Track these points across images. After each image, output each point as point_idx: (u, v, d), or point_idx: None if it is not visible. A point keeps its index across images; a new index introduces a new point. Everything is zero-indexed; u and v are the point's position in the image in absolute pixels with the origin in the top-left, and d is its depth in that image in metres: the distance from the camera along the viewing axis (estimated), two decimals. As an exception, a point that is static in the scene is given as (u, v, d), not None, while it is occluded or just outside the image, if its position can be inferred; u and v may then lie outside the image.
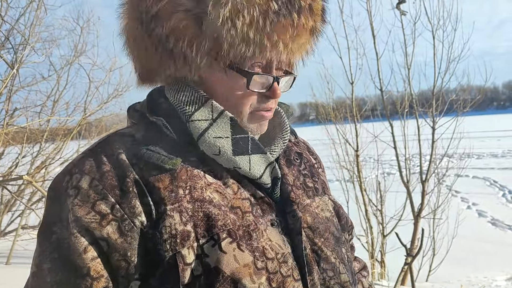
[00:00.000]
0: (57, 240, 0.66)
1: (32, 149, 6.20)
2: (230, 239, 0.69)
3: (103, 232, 0.66)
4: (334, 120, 5.91)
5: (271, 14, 0.69)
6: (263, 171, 0.77)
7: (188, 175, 0.72)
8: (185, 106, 0.76)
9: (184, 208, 0.69)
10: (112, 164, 0.70)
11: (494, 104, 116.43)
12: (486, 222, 7.36)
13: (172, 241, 0.67)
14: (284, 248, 0.75)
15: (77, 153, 6.66)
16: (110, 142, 0.75)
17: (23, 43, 5.09)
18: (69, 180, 0.69)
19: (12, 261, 5.47)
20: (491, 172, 12.21)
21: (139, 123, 0.79)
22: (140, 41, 0.76)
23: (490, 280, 4.86)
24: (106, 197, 0.67)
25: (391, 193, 5.60)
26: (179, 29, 0.71)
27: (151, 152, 0.72)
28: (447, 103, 5.35)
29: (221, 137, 0.75)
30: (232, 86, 0.76)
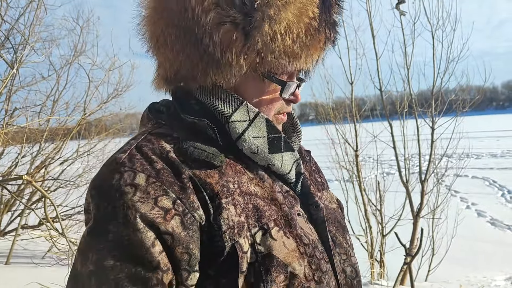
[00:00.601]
0: (115, 238, 0.66)
1: (31, 149, 6.21)
2: (277, 227, 0.75)
3: (168, 226, 0.68)
4: (334, 120, 5.92)
5: (311, 30, 0.77)
6: (291, 167, 0.85)
7: (233, 171, 0.78)
8: (222, 108, 0.80)
9: (237, 201, 0.74)
10: (164, 162, 0.73)
11: (493, 104, 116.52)
12: (485, 222, 7.38)
13: (231, 232, 0.71)
14: (313, 235, 0.83)
15: (76, 153, 6.66)
16: (152, 141, 0.76)
17: (23, 42, 5.09)
18: (120, 178, 0.69)
19: (12, 260, 5.47)
20: (490, 172, 12.22)
21: (171, 124, 0.82)
22: (180, 48, 0.79)
23: (489, 280, 4.87)
24: (167, 192, 0.70)
25: (390, 193, 5.61)
26: (227, 41, 0.75)
27: (199, 150, 0.76)
28: (446, 103, 5.35)
29: (259, 137, 0.81)
30: (265, 93, 0.83)
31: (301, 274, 0.75)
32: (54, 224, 3.83)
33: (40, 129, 6.29)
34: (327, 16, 0.80)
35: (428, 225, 5.41)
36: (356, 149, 5.62)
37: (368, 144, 5.66)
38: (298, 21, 0.76)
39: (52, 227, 3.68)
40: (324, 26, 0.79)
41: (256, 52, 0.75)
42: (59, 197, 6.32)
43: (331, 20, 0.81)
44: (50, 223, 3.61)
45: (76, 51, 6.31)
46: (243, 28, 0.75)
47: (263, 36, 0.75)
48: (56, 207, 3.85)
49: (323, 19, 0.79)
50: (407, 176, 5.26)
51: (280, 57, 0.76)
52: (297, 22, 0.76)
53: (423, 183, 5.12)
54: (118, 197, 0.68)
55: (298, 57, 0.78)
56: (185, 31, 0.78)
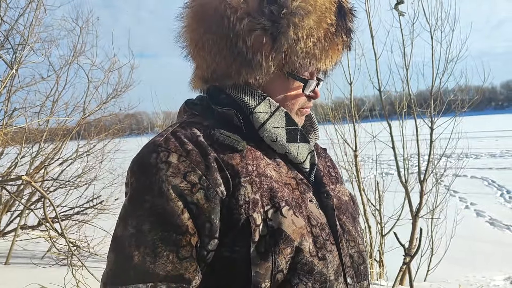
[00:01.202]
0: (152, 206, 0.79)
1: (31, 149, 6.20)
2: (288, 207, 0.85)
3: (193, 197, 0.80)
4: (333, 120, 5.93)
5: (330, 35, 0.90)
6: (305, 157, 0.96)
7: (253, 156, 0.89)
8: (248, 100, 0.92)
9: (253, 180, 0.85)
10: (194, 145, 0.85)
11: (492, 104, 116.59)
12: (484, 222, 7.39)
13: (246, 206, 0.82)
14: (322, 218, 0.92)
15: (76, 153, 6.66)
16: (185, 127, 0.89)
17: (22, 43, 5.09)
18: (157, 156, 0.82)
19: (11, 261, 5.47)
20: (489, 172, 12.24)
21: (204, 114, 0.95)
22: (217, 51, 0.91)
23: (488, 279, 4.88)
24: (195, 170, 0.82)
25: (389, 193, 5.62)
26: (258, 44, 0.88)
27: (224, 135, 0.88)
28: (445, 103, 5.36)
29: (278, 127, 0.92)
30: (289, 89, 0.95)
31: (306, 249, 0.84)
32: (53, 225, 3.83)
33: (39, 130, 6.29)
34: (343, 23, 0.93)
35: (427, 225, 5.43)
36: (355, 149, 5.62)
37: (367, 144, 5.67)
38: (318, 27, 0.88)
39: (51, 228, 3.68)
40: (340, 31, 0.92)
41: (282, 53, 0.88)
42: (59, 197, 6.32)
43: (346, 26, 0.94)
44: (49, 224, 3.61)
45: (76, 52, 6.31)
46: (271, 33, 0.87)
47: (288, 40, 0.87)
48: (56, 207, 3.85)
49: (340, 25, 0.92)
50: (406, 176, 5.27)
51: (302, 58, 0.89)
52: (317, 28, 0.88)
53: (422, 183, 5.13)
54: (155, 172, 0.81)
55: (318, 58, 0.90)
56: (221, 37, 0.90)
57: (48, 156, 6.21)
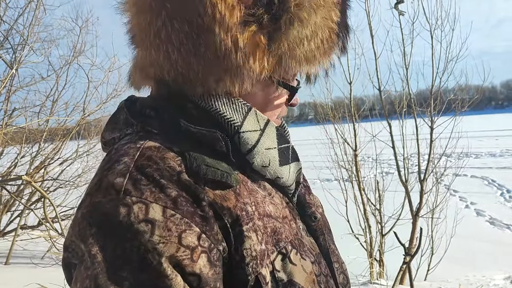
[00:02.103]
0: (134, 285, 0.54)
1: (31, 149, 6.21)
2: (294, 250, 0.68)
3: (195, 268, 0.57)
4: (333, 119, 5.92)
5: (333, 35, 0.70)
6: (294, 178, 0.78)
7: (248, 190, 0.68)
8: (232, 116, 0.69)
9: (257, 226, 0.65)
10: (178, 187, 0.60)
11: (492, 103, 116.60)
12: (484, 221, 7.38)
13: (254, 263, 0.62)
14: (315, 249, 0.77)
15: (76, 153, 6.66)
16: (154, 158, 0.63)
17: (22, 43, 5.10)
18: (129, 212, 0.56)
19: (11, 261, 5.47)
20: (489, 171, 12.23)
21: (166, 134, 0.69)
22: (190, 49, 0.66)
23: (488, 279, 4.88)
24: (190, 226, 0.58)
25: (389, 192, 5.61)
26: (251, 45, 0.65)
27: (212, 168, 0.64)
28: (445, 103, 5.35)
29: (271, 148, 0.72)
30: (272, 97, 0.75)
31: None
32: (53, 225, 3.84)
33: (39, 129, 6.30)
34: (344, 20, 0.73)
35: (427, 225, 5.42)
36: (355, 148, 5.62)
37: (367, 144, 5.67)
38: (324, 25, 0.69)
39: (51, 227, 3.68)
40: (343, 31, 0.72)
41: (276, 57, 0.67)
42: (59, 197, 6.32)
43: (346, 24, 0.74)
44: (49, 223, 3.62)
45: (75, 52, 6.32)
46: (269, 31, 0.65)
47: (290, 40, 0.66)
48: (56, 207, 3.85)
49: (342, 23, 0.72)
50: (406, 175, 5.27)
51: (300, 63, 0.68)
52: (323, 27, 0.69)
53: (422, 183, 5.12)
54: (131, 237, 0.55)
55: (317, 63, 0.70)
56: (200, 29, 0.65)
57: (48, 156, 6.21)
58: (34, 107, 6.08)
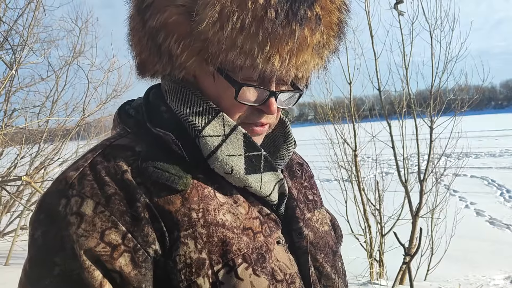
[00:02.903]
0: (63, 272, 0.58)
1: (31, 150, 6.21)
2: (245, 264, 0.65)
3: (115, 265, 0.59)
4: (333, 120, 5.92)
5: (265, 22, 0.62)
6: (272, 188, 0.74)
7: (199, 196, 0.67)
8: (193, 119, 0.69)
9: (198, 233, 0.63)
10: (118, 185, 0.62)
11: (492, 103, 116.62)
12: (484, 221, 7.38)
13: (187, 271, 0.62)
14: (291, 267, 0.72)
15: (76, 153, 6.66)
16: (108, 156, 0.66)
17: (22, 43, 5.10)
18: (67, 204, 0.60)
19: (11, 261, 5.47)
20: (489, 171, 12.23)
21: (137, 133, 0.72)
22: (136, 31, 0.72)
23: (488, 279, 4.88)
24: (116, 225, 0.60)
25: (389, 192, 5.61)
26: (170, 24, 0.66)
27: (160, 170, 0.65)
28: (445, 103, 5.35)
29: (234, 155, 0.69)
30: (221, 93, 0.70)
31: None
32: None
33: (39, 130, 6.30)
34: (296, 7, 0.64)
35: (427, 225, 5.42)
36: (355, 149, 5.62)
37: (367, 144, 5.67)
38: (241, 7, 0.62)
39: (51, 228, 3.67)
40: (286, 18, 0.63)
41: (199, 40, 0.64)
42: (58, 198, 6.31)
43: (303, 12, 0.64)
44: (49, 224, 3.61)
45: (75, 52, 6.32)
46: (189, 12, 0.64)
47: (200, 21, 0.63)
48: (56, 208, 3.84)
49: (285, 9, 0.63)
50: (406, 175, 5.27)
51: (224, 49, 0.64)
52: (239, 9, 0.62)
53: (422, 183, 5.13)
54: (63, 227, 0.59)
55: (250, 54, 0.64)
56: (137, 12, 0.70)
57: (47, 156, 6.22)
58: (34, 107, 6.08)
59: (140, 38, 0.71)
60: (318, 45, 0.69)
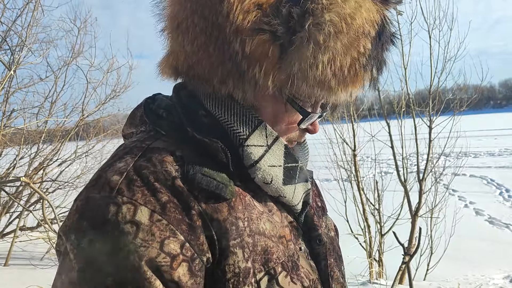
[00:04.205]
0: (116, 283, 0.55)
1: (29, 151, 6.20)
2: (285, 272, 0.66)
3: (174, 275, 0.57)
4: (332, 119, 5.93)
5: (357, 66, 0.66)
6: (301, 198, 0.76)
7: (243, 205, 0.67)
8: (238, 127, 0.68)
9: (245, 243, 0.63)
10: (170, 192, 0.61)
11: (491, 103, 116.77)
12: (483, 221, 7.39)
13: (235, 280, 0.62)
14: (313, 274, 0.73)
15: (75, 154, 6.65)
16: (153, 160, 0.64)
17: (20, 44, 5.09)
18: (118, 211, 0.57)
19: (11, 262, 5.47)
20: (488, 170, 12.25)
21: (173, 136, 0.69)
22: (202, 44, 0.67)
23: (488, 278, 4.88)
24: (175, 234, 0.58)
25: (388, 192, 5.62)
26: (259, 53, 0.64)
27: (208, 178, 0.64)
28: (444, 102, 5.36)
29: (275, 166, 0.70)
30: (284, 118, 0.72)
31: None
32: (52, 226, 3.83)
33: (38, 131, 6.29)
34: (379, 54, 0.69)
35: (426, 224, 5.43)
36: (354, 148, 5.63)
37: (366, 144, 5.67)
38: (345, 53, 0.64)
39: (50, 229, 3.68)
40: (372, 64, 0.68)
41: (288, 75, 0.64)
42: (58, 198, 6.32)
43: (381, 58, 0.70)
44: (48, 225, 3.62)
45: (74, 52, 6.32)
46: (282, 44, 0.63)
47: (302, 60, 0.63)
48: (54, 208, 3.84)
49: (373, 56, 0.67)
50: (405, 175, 5.27)
51: (312, 86, 0.65)
52: (344, 55, 0.64)
53: (421, 182, 5.13)
54: (116, 236, 0.57)
55: (333, 91, 0.66)
56: (214, 27, 0.66)
57: (46, 157, 6.21)
58: (32, 108, 6.07)
59: (211, 54, 0.67)
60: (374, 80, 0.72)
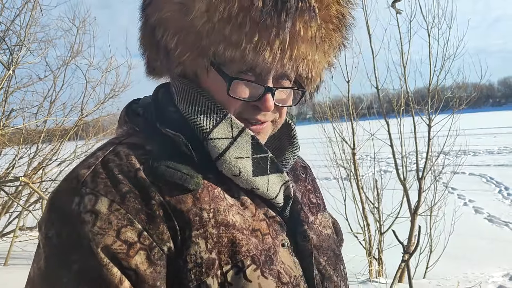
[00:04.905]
0: (81, 270, 0.58)
1: (29, 150, 6.20)
2: (254, 266, 0.65)
3: (131, 262, 0.59)
4: (331, 118, 5.92)
5: (253, 12, 0.62)
6: (278, 190, 0.74)
7: (210, 196, 0.67)
8: (201, 122, 0.69)
9: (209, 234, 0.64)
10: (132, 183, 0.62)
11: (490, 101, 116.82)
12: (482, 219, 7.40)
13: (197, 270, 0.62)
14: (296, 270, 0.72)
15: (74, 154, 6.65)
16: (120, 154, 0.66)
17: (19, 44, 5.08)
18: (80, 201, 0.60)
19: (10, 262, 5.46)
20: (487, 169, 12.25)
21: (146, 132, 0.72)
22: (141, 30, 0.75)
23: (487, 276, 4.89)
24: (132, 223, 0.60)
25: (388, 190, 5.62)
26: (166, 20, 0.67)
27: (171, 169, 0.65)
28: (443, 101, 5.36)
29: (242, 157, 0.69)
30: (214, 88, 0.70)
31: None
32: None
33: (37, 130, 6.29)
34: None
35: (425, 223, 5.43)
36: (353, 147, 5.62)
37: (365, 142, 5.67)
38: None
39: (50, 228, 3.66)
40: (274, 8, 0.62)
41: (193, 34, 0.65)
42: (57, 198, 6.29)
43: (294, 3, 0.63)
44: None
45: (73, 52, 6.31)
46: (185, 7, 0.65)
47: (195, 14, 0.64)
48: (54, 208, 3.83)
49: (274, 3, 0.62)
50: (404, 173, 5.27)
51: (214, 41, 0.64)
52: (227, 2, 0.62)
53: (421, 181, 5.13)
54: (79, 225, 0.59)
55: (237, 45, 0.63)
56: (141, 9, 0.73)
57: (46, 157, 6.20)
58: (31, 108, 6.07)
59: (144, 37, 0.73)
60: (315, 38, 0.67)
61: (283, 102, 0.75)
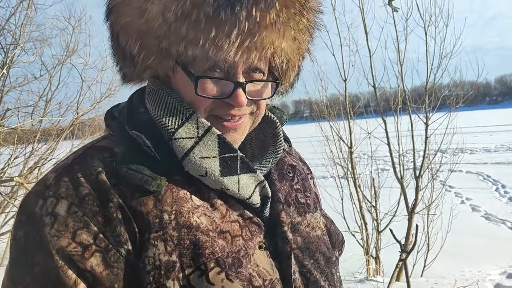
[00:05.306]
0: (43, 271, 0.59)
1: (24, 150, 6.16)
2: (218, 268, 0.63)
3: (86, 264, 0.59)
4: (328, 117, 5.91)
5: (206, 7, 0.61)
6: (253, 191, 0.71)
7: (173, 198, 0.66)
8: (166, 122, 0.68)
9: (169, 236, 0.62)
10: (92, 186, 0.63)
11: (487, 99, 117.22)
12: (479, 217, 7.41)
13: (156, 273, 0.61)
14: (272, 273, 0.69)
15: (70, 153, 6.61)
16: (87, 158, 0.67)
17: (14, 43, 5.04)
18: (43, 204, 0.62)
19: (6, 262, 5.43)
20: (484, 167, 12.28)
21: (118, 135, 0.72)
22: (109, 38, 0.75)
23: (484, 274, 4.89)
24: (88, 225, 0.60)
25: (385, 189, 5.61)
26: (127, 26, 0.67)
27: (133, 171, 0.64)
28: (440, 99, 5.36)
29: (208, 157, 0.68)
30: (183, 88, 0.69)
31: None
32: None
33: (32, 130, 6.25)
34: None
35: (423, 221, 5.43)
36: (350, 146, 5.61)
37: (363, 141, 5.66)
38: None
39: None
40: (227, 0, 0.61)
41: (153, 37, 0.64)
42: (53, 198, 6.27)
43: None
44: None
45: (68, 51, 6.27)
46: (140, 10, 0.64)
47: (150, 16, 0.63)
48: (49, 208, 3.81)
49: None
50: (401, 172, 5.27)
51: (172, 41, 0.63)
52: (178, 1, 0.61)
53: (418, 179, 5.13)
54: (40, 227, 0.60)
55: (196, 42, 0.62)
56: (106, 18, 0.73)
57: (41, 156, 6.17)
58: (27, 107, 6.04)
59: (112, 45, 0.73)
60: (275, 24, 0.65)
61: (258, 95, 0.73)
